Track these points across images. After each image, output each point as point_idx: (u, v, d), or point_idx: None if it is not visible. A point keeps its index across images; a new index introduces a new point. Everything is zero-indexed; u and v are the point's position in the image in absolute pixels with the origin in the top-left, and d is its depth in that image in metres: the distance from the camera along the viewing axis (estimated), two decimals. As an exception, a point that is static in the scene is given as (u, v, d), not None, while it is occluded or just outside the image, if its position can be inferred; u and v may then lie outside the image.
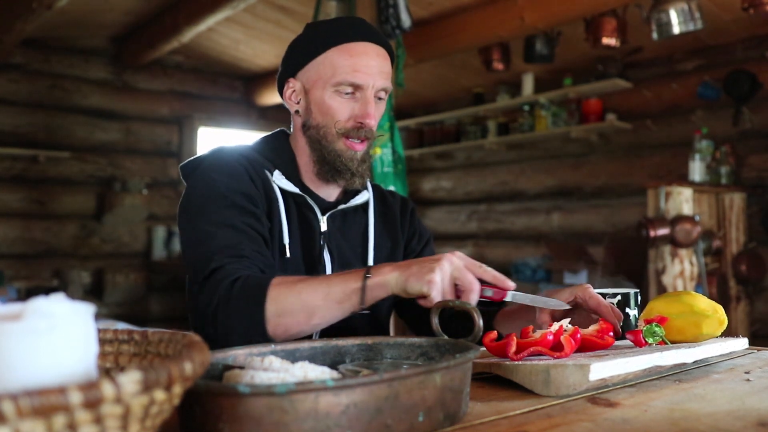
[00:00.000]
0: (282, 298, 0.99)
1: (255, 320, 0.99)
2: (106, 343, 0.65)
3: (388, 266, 0.99)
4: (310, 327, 1.00)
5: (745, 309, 3.86)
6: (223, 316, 1.02)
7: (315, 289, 0.99)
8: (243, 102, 5.61)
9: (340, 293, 0.98)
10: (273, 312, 0.99)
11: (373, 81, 1.19)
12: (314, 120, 1.23)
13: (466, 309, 0.86)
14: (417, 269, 0.94)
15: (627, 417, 0.69)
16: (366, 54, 1.19)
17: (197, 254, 1.10)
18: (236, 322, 1.01)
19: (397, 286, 0.96)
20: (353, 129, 1.21)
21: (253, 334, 1.00)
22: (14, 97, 4.55)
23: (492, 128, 5.02)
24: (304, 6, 3.89)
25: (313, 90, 1.22)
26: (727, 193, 3.80)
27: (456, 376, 0.67)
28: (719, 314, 1.01)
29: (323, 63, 1.20)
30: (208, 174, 1.18)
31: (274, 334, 1.00)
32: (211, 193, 1.15)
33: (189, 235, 1.15)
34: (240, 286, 1.02)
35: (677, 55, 4.22)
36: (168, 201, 5.18)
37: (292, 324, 0.99)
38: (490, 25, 3.83)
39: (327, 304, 0.99)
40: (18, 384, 0.43)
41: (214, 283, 1.04)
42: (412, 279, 0.94)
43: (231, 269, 1.05)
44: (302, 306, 0.99)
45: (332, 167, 1.23)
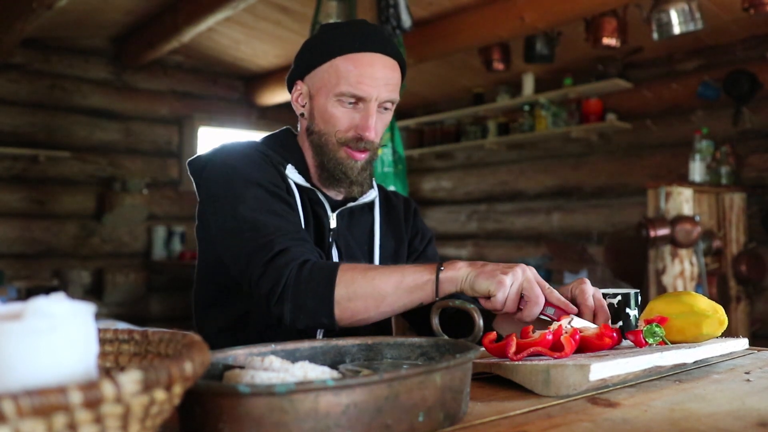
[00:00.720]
0: (353, 282, 1.01)
1: (325, 302, 1.00)
2: (107, 342, 0.65)
3: (462, 262, 1.01)
4: (378, 314, 1.02)
5: (745, 309, 3.86)
6: (293, 297, 1.02)
7: (387, 276, 1.01)
8: (243, 102, 5.61)
9: (413, 283, 1.00)
10: (343, 295, 1.00)
11: (377, 93, 1.18)
12: (317, 126, 1.23)
13: (466, 309, 0.86)
14: (490, 269, 0.97)
15: (627, 417, 0.69)
16: (372, 65, 1.18)
17: (251, 238, 1.08)
18: (306, 302, 1.01)
19: (467, 282, 0.98)
20: (353, 140, 1.20)
21: (322, 315, 1.02)
22: (14, 97, 4.55)
23: (492, 128, 5.02)
24: (304, 6, 3.89)
25: (318, 96, 1.22)
26: (727, 193, 3.80)
27: (456, 376, 0.67)
28: (719, 314, 1.01)
29: (328, 71, 1.20)
30: (228, 163, 1.17)
31: (341, 318, 1.02)
32: (239, 178, 1.14)
33: (228, 221, 1.12)
34: (310, 268, 1.03)
35: (677, 55, 4.22)
36: (168, 201, 5.18)
37: (361, 309, 1.01)
38: (490, 25, 3.83)
39: (398, 292, 1.01)
40: (18, 384, 0.43)
41: (280, 264, 1.04)
42: (483, 277, 0.96)
43: (297, 252, 1.06)
44: (373, 291, 1.00)
45: (331, 174, 1.23)
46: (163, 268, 5.01)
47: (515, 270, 0.97)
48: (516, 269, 0.97)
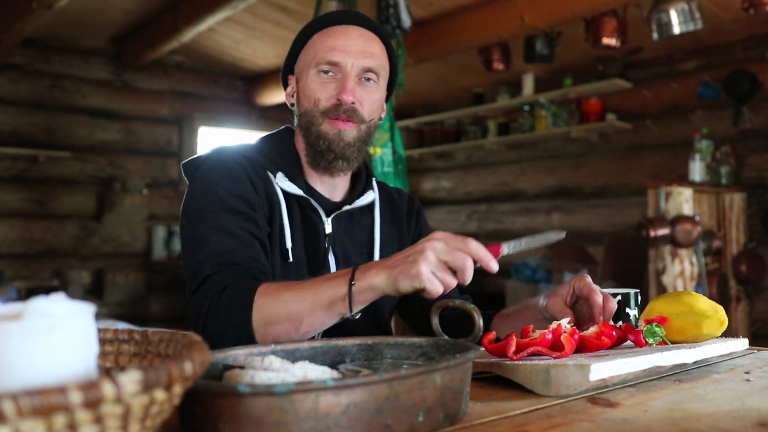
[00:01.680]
0: (267, 307, 0.97)
1: (243, 331, 0.97)
2: (106, 342, 0.65)
3: (374, 267, 0.94)
4: (300, 335, 0.98)
5: (745, 309, 3.86)
6: (212, 327, 1.01)
7: (301, 297, 0.96)
8: (243, 102, 5.61)
9: (327, 300, 0.94)
10: (260, 322, 0.97)
11: (353, 60, 1.17)
12: (302, 107, 1.22)
13: (467, 309, 0.86)
14: (402, 266, 0.89)
15: (627, 417, 0.69)
16: (345, 34, 1.19)
17: (192, 260, 1.09)
18: (225, 332, 0.99)
19: (388, 287, 0.91)
20: (332, 107, 1.18)
21: (243, 343, 0.97)
22: (14, 97, 4.55)
23: (492, 128, 5.02)
24: (304, 6, 3.89)
25: (301, 78, 1.23)
26: (727, 193, 3.80)
27: (456, 376, 0.67)
28: (719, 314, 1.01)
29: (307, 51, 1.22)
30: (208, 176, 1.17)
31: (264, 342, 0.99)
32: (209, 196, 1.14)
33: (187, 240, 1.14)
34: (227, 295, 1.01)
35: (677, 55, 4.22)
36: (168, 201, 5.18)
37: (281, 333, 0.97)
38: (490, 25, 3.83)
39: (314, 311, 0.95)
40: (18, 384, 0.43)
41: (204, 292, 1.04)
42: (401, 278, 0.89)
43: (220, 278, 1.04)
44: (288, 315, 0.96)
45: (317, 150, 1.20)
46: (163, 268, 5.01)
47: (424, 254, 0.88)
48: (425, 252, 0.88)
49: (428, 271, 0.87)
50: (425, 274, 0.87)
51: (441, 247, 0.89)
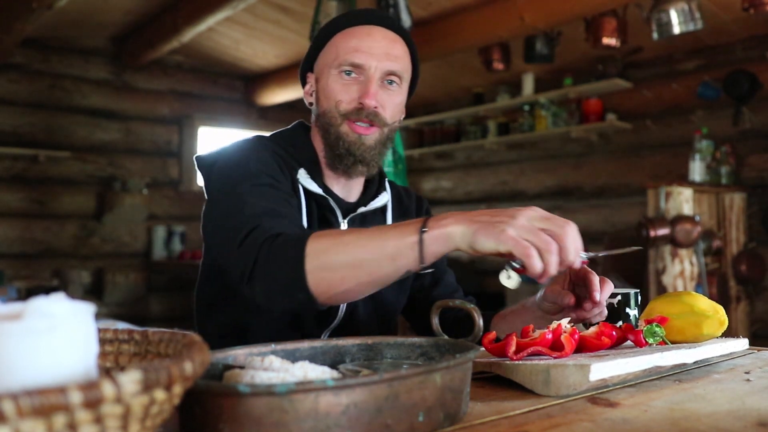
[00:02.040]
0: (325, 250, 0.88)
1: (296, 275, 0.88)
2: (106, 342, 0.65)
3: (451, 216, 0.84)
4: (358, 286, 0.89)
5: (745, 309, 3.86)
6: (262, 275, 0.91)
7: (364, 242, 0.87)
8: (243, 102, 5.61)
9: (393, 249, 0.85)
10: (316, 265, 0.87)
11: (377, 62, 1.15)
12: (321, 107, 1.20)
13: (466, 309, 0.86)
14: (487, 221, 0.80)
15: (627, 417, 0.69)
16: (369, 36, 1.16)
17: (230, 225, 1.00)
18: (277, 278, 0.90)
19: (464, 241, 0.82)
20: (354, 110, 1.16)
21: (295, 290, 0.89)
22: (14, 97, 4.55)
23: (492, 128, 5.02)
24: (304, 6, 3.89)
25: (321, 78, 1.20)
26: (727, 193, 3.80)
27: (456, 376, 0.67)
28: (720, 314, 1.01)
29: (328, 50, 1.19)
30: (234, 158, 1.12)
31: (318, 292, 0.89)
32: (240, 173, 1.08)
33: (218, 216, 1.06)
34: (280, 241, 0.92)
35: (677, 55, 4.22)
36: (168, 201, 5.18)
37: (337, 281, 0.88)
38: (490, 25, 3.83)
39: (377, 260, 0.86)
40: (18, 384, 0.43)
41: (251, 240, 0.94)
42: (481, 234, 0.79)
43: (268, 226, 0.95)
44: (348, 261, 0.87)
45: (335, 153, 1.18)
46: (163, 268, 5.01)
47: (515, 216, 0.79)
48: (516, 214, 0.79)
49: (516, 234, 0.78)
50: (512, 236, 0.78)
51: (534, 214, 0.81)
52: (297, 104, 5.62)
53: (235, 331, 1.19)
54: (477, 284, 5.18)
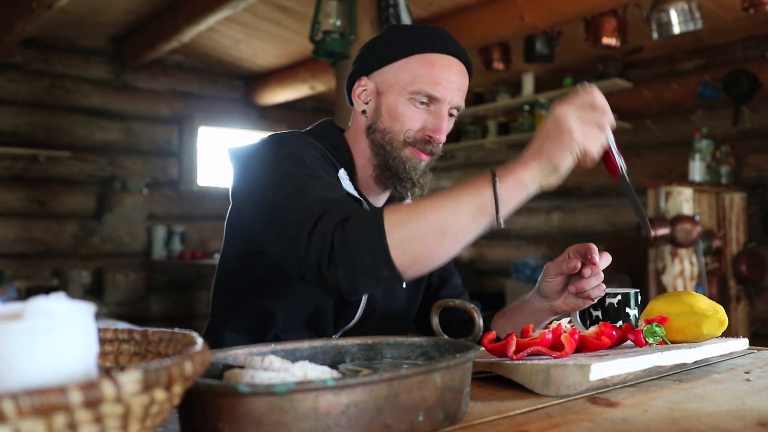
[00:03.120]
0: (405, 221, 0.88)
1: (379, 252, 0.87)
2: (106, 342, 0.65)
3: (518, 162, 0.88)
4: (444, 251, 0.89)
5: (745, 309, 3.86)
6: (343, 257, 0.89)
7: (441, 205, 0.88)
8: (243, 102, 5.61)
9: (473, 205, 0.87)
10: (397, 239, 0.87)
11: (451, 96, 1.15)
12: (382, 124, 1.18)
13: (466, 309, 0.86)
14: (551, 144, 0.85)
15: (627, 417, 0.69)
16: (449, 68, 1.16)
17: (290, 216, 0.96)
18: (359, 258, 0.89)
19: (545, 176, 0.87)
20: (421, 141, 1.16)
21: (380, 267, 0.88)
22: (14, 97, 4.55)
23: (492, 128, 5.02)
24: (304, 6, 3.89)
25: (387, 94, 1.18)
26: (727, 193, 3.80)
27: (456, 375, 0.67)
28: (719, 314, 1.01)
29: (403, 68, 1.16)
30: (283, 149, 1.09)
31: (403, 265, 0.88)
32: (293, 162, 1.05)
33: (271, 207, 1.01)
34: (353, 222, 0.91)
35: (677, 55, 4.22)
36: (168, 201, 5.18)
37: (423, 249, 0.88)
38: (490, 25, 3.83)
39: (459, 219, 0.87)
40: (18, 383, 0.43)
41: (322, 229, 0.92)
42: (557, 155, 0.85)
43: (336, 212, 0.94)
44: (430, 226, 0.87)
45: (394, 174, 1.17)
46: (163, 267, 5.01)
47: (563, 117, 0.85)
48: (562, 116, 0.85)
49: (581, 134, 0.84)
50: (580, 137, 0.84)
51: (573, 110, 0.86)
52: (297, 104, 5.62)
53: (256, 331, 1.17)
54: (477, 284, 5.18)
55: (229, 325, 1.19)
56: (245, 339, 1.15)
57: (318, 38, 3.11)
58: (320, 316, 1.17)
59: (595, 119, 0.87)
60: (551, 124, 0.86)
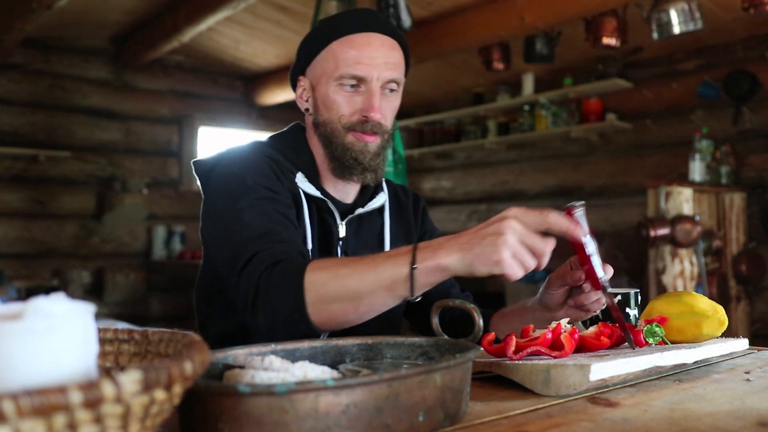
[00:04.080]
0: (324, 284, 0.91)
1: (297, 308, 0.91)
2: (107, 342, 0.65)
3: (444, 246, 0.87)
4: (358, 316, 0.92)
5: (745, 309, 3.86)
6: (264, 305, 0.94)
7: (360, 275, 0.90)
8: (243, 102, 5.61)
9: (388, 280, 0.88)
10: (315, 299, 0.91)
11: (378, 73, 1.15)
12: (321, 116, 1.19)
13: (466, 309, 0.86)
14: (479, 249, 0.84)
15: (627, 417, 0.69)
16: (369, 45, 1.15)
17: (232, 244, 1.02)
18: (278, 310, 0.93)
19: (461, 269, 0.86)
20: (358, 123, 1.16)
21: (297, 322, 0.92)
22: (14, 97, 4.55)
23: (492, 128, 5.02)
24: (304, 6, 3.89)
25: (319, 86, 1.19)
26: (727, 193, 3.80)
27: (456, 376, 0.67)
28: (719, 314, 1.01)
29: (326, 57, 1.17)
30: (231, 170, 1.12)
31: (319, 323, 0.92)
32: (237, 185, 1.09)
33: (219, 229, 1.07)
34: (278, 271, 0.94)
35: (677, 55, 4.22)
36: (168, 201, 5.18)
37: (338, 312, 0.91)
38: (490, 25, 3.83)
39: (374, 292, 0.89)
40: (18, 383, 0.43)
41: (251, 269, 0.96)
42: (478, 262, 0.84)
43: (269, 254, 0.97)
44: (346, 293, 0.90)
45: (342, 162, 1.18)
46: (163, 267, 5.01)
47: (505, 237, 0.83)
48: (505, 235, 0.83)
49: (509, 256, 0.83)
50: (507, 260, 0.83)
51: (520, 229, 0.85)
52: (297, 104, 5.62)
53: (237, 329, 1.18)
54: (477, 284, 5.17)
55: (210, 333, 1.22)
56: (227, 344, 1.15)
57: (318, 38, 3.10)
58: None
59: (535, 245, 0.85)
60: (491, 232, 0.85)
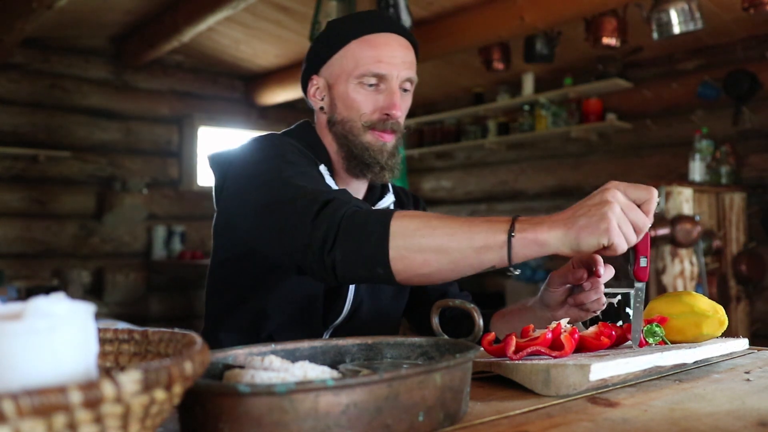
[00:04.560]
0: (412, 230, 0.88)
1: (380, 249, 0.88)
2: (107, 342, 0.65)
3: (546, 221, 0.86)
4: (440, 271, 0.89)
5: (745, 309, 3.86)
6: (345, 242, 0.90)
7: (453, 230, 0.87)
8: (243, 102, 5.61)
9: (482, 242, 0.85)
10: (400, 245, 0.87)
11: (398, 71, 1.17)
12: (339, 115, 1.20)
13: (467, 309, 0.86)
14: (585, 221, 0.82)
15: (627, 417, 0.69)
16: (388, 44, 1.17)
17: (289, 206, 0.96)
18: (360, 248, 0.89)
19: (565, 245, 0.83)
20: (379, 121, 1.18)
21: (377, 264, 0.89)
22: (14, 97, 4.55)
23: (492, 128, 5.02)
24: (304, 6, 3.89)
25: (337, 85, 1.20)
26: (727, 193, 3.80)
27: (456, 375, 0.67)
28: (720, 314, 1.01)
29: (345, 56, 1.18)
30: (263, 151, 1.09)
31: (398, 270, 0.89)
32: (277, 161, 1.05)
33: (264, 202, 1.00)
34: (363, 213, 0.91)
35: (677, 55, 4.22)
36: (168, 201, 5.18)
37: (419, 263, 0.88)
38: (490, 25, 3.83)
39: (465, 249, 0.86)
40: (18, 384, 0.43)
41: (329, 213, 0.92)
42: (585, 234, 0.82)
43: (345, 201, 0.94)
44: (434, 245, 0.87)
45: (360, 161, 1.19)
46: (163, 267, 5.01)
47: (610, 204, 0.82)
48: (609, 202, 0.83)
49: (616, 226, 0.82)
50: (615, 229, 0.81)
51: (624, 200, 0.85)
52: (297, 104, 5.62)
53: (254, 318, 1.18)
54: (477, 284, 5.18)
55: (224, 328, 1.20)
56: (240, 339, 1.15)
57: (318, 38, 3.10)
58: (311, 311, 1.18)
59: (637, 219, 0.85)
60: (596, 202, 0.85)
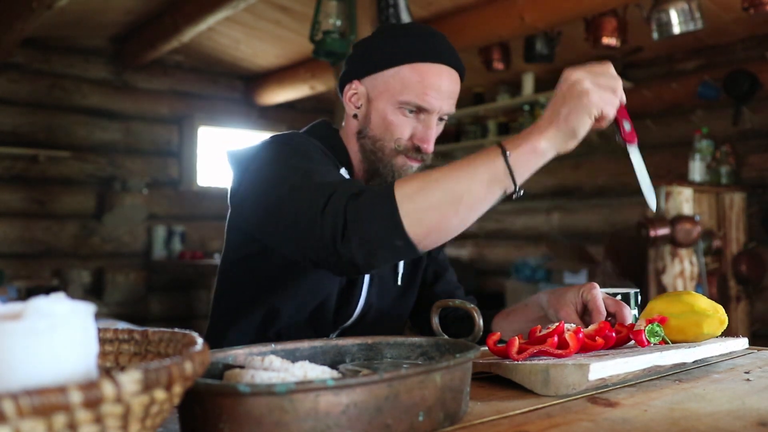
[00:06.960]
0: (416, 191, 0.87)
1: (391, 222, 0.86)
2: (107, 342, 0.65)
3: (533, 130, 0.87)
4: (459, 220, 0.88)
5: (745, 309, 3.86)
6: (356, 230, 0.88)
7: (455, 174, 0.86)
8: (243, 102, 5.61)
9: (486, 174, 0.86)
10: (411, 209, 0.86)
11: (440, 106, 1.16)
12: (372, 131, 1.18)
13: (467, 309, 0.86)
14: (568, 109, 0.85)
15: (627, 417, 0.69)
16: (439, 77, 1.15)
17: (299, 200, 0.95)
18: (372, 230, 0.88)
19: (560, 141, 0.86)
20: (411, 149, 1.17)
21: (393, 238, 0.87)
22: (14, 97, 4.55)
23: (492, 128, 5.02)
24: (304, 6, 3.89)
25: (378, 101, 1.17)
26: (727, 193, 3.80)
27: (456, 375, 0.67)
28: (720, 314, 1.01)
29: (394, 77, 1.16)
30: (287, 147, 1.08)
31: (417, 234, 0.87)
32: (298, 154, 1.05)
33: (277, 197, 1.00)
34: (365, 195, 0.90)
35: (677, 55, 4.22)
36: (168, 201, 5.18)
37: (436, 220, 0.87)
38: (490, 25, 3.83)
39: (474, 188, 0.86)
40: (18, 383, 0.43)
41: (333, 205, 0.91)
42: (573, 120, 0.84)
43: (345, 188, 0.93)
44: (444, 196, 0.86)
45: (384, 180, 1.18)
46: (163, 267, 5.01)
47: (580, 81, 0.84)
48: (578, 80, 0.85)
49: (598, 97, 0.85)
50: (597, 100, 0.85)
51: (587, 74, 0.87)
52: (297, 104, 5.62)
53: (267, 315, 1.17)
54: (477, 284, 5.18)
55: (234, 327, 1.20)
56: (250, 337, 1.15)
57: (318, 38, 3.11)
58: (322, 311, 1.17)
59: (609, 83, 0.87)
60: (566, 89, 0.86)
